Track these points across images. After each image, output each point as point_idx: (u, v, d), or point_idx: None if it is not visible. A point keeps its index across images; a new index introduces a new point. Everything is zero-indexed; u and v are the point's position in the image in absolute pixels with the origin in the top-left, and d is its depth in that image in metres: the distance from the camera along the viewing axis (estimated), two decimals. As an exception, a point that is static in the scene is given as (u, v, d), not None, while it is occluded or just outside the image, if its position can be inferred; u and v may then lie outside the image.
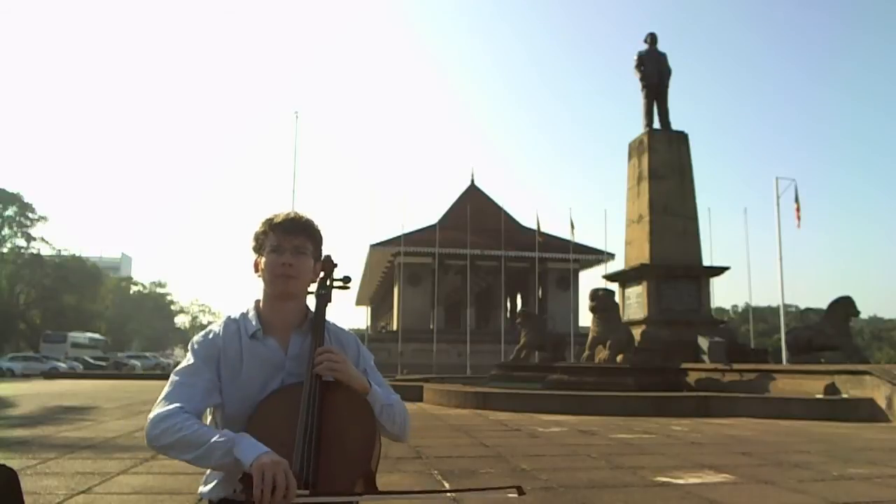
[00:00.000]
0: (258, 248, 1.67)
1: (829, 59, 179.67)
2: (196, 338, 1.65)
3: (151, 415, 1.47)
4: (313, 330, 1.64)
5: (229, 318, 1.67)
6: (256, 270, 1.67)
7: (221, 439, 1.39)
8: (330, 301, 1.72)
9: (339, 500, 1.40)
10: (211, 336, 1.63)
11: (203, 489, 1.59)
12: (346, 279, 1.80)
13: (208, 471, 1.58)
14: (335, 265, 1.78)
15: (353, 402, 1.56)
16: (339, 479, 1.45)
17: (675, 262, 16.00)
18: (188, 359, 1.60)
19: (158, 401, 1.51)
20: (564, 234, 36.44)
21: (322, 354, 1.56)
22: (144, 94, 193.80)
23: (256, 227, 1.67)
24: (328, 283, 1.76)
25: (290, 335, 1.64)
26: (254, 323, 1.63)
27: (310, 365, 1.56)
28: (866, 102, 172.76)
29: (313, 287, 1.74)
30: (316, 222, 1.69)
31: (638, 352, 14.02)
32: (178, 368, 1.59)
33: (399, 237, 39.07)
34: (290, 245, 1.61)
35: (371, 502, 1.51)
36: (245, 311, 1.68)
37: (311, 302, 1.74)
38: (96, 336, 55.77)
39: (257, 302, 1.69)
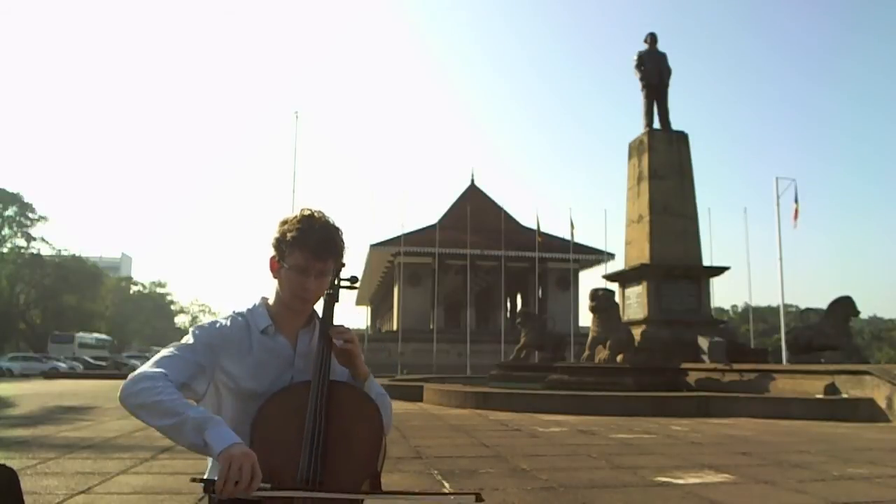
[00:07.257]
0: (280, 253, 1.61)
1: (828, 59, 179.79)
2: (200, 323, 1.65)
3: (133, 373, 1.45)
4: (321, 330, 1.64)
5: (236, 312, 1.67)
6: (272, 269, 1.64)
7: (197, 415, 1.37)
8: (338, 301, 1.73)
9: (299, 495, 1.39)
10: (218, 325, 1.63)
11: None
12: (354, 279, 1.80)
13: (210, 464, 1.58)
14: (343, 265, 1.79)
15: (360, 402, 1.57)
16: (346, 479, 1.45)
17: (675, 262, 16.01)
18: (187, 338, 1.58)
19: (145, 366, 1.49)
20: (564, 234, 36.41)
21: (338, 327, 1.61)
22: (145, 94, 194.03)
23: (285, 226, 1.61)
24: (336, 282, 1.76)
25: (297, 333, 1.66)
26: (264, 319, 1.64)
27: (317, 364, 1.56)
28: (866, 102, 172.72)
29: None
30: (340, 232, 1.65)
31: (638, 352, 14.03)
32: (173, 343, 1.59)
33: (399, 237, 39.05)
34: (315, 270, 1.59)
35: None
36: (252, 306, 1.68)
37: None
38: (103, 337, 55.89)
39: (265, 299, 1.69)
